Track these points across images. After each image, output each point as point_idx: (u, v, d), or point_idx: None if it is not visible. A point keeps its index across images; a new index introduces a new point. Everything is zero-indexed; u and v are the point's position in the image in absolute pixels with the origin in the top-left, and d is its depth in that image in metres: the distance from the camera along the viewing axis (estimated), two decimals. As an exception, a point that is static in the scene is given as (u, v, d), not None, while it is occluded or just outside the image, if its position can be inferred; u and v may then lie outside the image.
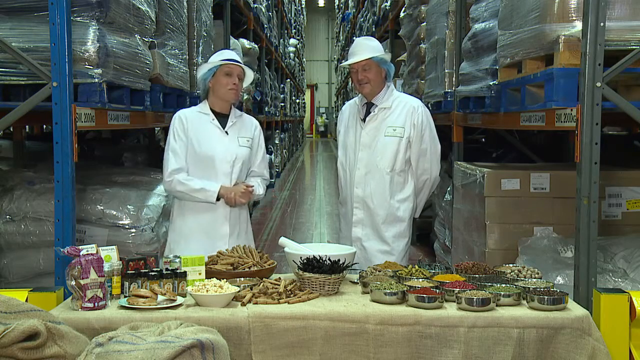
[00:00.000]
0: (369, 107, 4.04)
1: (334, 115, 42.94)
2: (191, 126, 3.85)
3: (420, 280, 3.17)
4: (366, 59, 3.92)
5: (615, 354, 2.93)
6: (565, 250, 4.17)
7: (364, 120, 4.03)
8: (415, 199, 4.08)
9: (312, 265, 3.12)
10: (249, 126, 4.02)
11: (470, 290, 2.96)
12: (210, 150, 3.83)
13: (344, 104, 4.78)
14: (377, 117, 4.00)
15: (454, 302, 2.93)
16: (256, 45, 11.15)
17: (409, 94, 5.01)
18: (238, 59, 3.93)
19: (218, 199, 3.79)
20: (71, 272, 2.85)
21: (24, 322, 2.32)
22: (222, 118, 3.92)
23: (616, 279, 3.79)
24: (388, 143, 3.96)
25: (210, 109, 3.91)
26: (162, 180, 3.91)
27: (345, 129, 4.16)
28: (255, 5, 11.70)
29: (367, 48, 3.95)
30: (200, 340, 2.34)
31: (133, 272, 3.07)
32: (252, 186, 3.87)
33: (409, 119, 3.96)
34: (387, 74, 4.02)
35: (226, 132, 3.91)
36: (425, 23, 7.26)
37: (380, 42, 13.24)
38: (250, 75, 3.97)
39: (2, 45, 3.58)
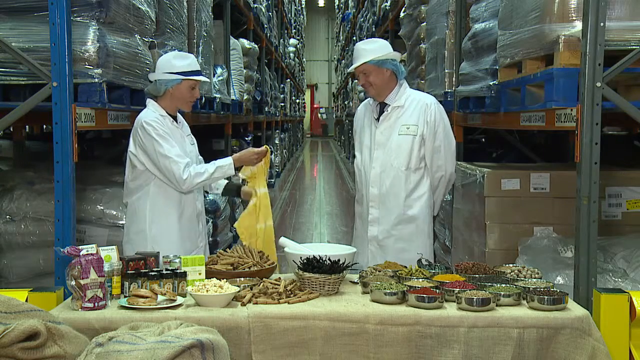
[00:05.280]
0: (382, 106, 4.03)
1: (334, 116, 42.93)
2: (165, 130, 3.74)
3: (420, 280, 3.17)
4: (361, 65, 3.90)
5: (615, 354, 2.93)
6: (565, 250, 4.17)
7: (377, 119, 4.03)
8: (431, 197, 4.05)
9: (312, 265, 3.12)
10: (186, 125, 4.02)
11: (470, 290, 2.96)
12: (184, 152, 3.75)
13: (344, 104, 4.79)
14: (391, 116, 3.99)
15: (454, 302, 2.93)
16: (256, 45, 11.15)
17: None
18: (199, 68, 3.90)
19: (237, 169, 3.79)
20: (71, 272, 2.85)
21: (24, 322, 2.32)
22: (173, 119, 3.87)
23: (616, 279, 3.79)
24: (402, 141, 3.95)
25: (165, 111, 3.83)
26: (176, 184, 3.69)
27: (360, 128, 4.16)
28: (255, 5, 11.70)
29: (362, 53, 3.92)
30: (200, 340, 2.34)
31: (133, 272, 3.07)
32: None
33: (422, 117, 3.94)
34: (395, 73, 3.97)
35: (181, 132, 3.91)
36: (425, 23, 7.26)
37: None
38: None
39: (2, 45, 3.58)
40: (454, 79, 6.15)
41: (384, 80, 3.95)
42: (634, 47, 3.31)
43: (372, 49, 3.92)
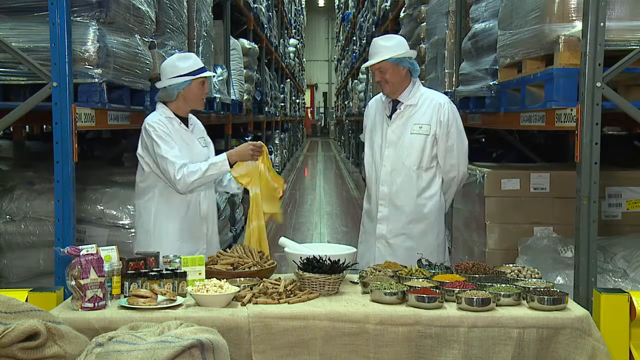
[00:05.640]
0: (394, 104, 3.99)
1: (334, 115, 42.95)
2: (170, 131, 3.77)
3: (420, 280, 3.17)
4: (379, 62, 3.87)
5: (615, 354, 2.93)
6: (565, 250, 4.17)
7: (390, 117, 4.00)
8: (442, 195, 4.02)
9: (312, 265, 3.12)
10: (200, 127, 4.03)
11: (470, 290, 2.96)
12: (189, 154, 3.76)
13: (344, 104, 4.77)
14: (403, 115, 3.96)
15: (454, 302, 2.93)
16: (256, 45, 11.15)
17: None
18: (202, 64, 3.91)
19: (231, 165, 3.74)
20: (71, 272, 2.85)
21: (24, 322, 2.32)
22: (183, 121, 3.89)
23: (616, 279, 3.80)
24: (414, 141, 3.91)
25: (174, 113, 3.84)
26: (172, 185, 3.70)
27: (371, 125, 4.12)
28: (255, 5, 11.70)
29: (381, 50, 3.88)
30: (200, 340, 2.34)
31: (133, 272, 3.07)
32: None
33: (435, 116, 3.90)
34: (410, 71, 3.94)
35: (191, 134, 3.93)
36: (425, 23, 7.27)
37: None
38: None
39: (2, 45, 3.58)
40: (454, 79, 6.15)
41: (400, 78, 3.91)
42: (634, 47, 3.31)
43: (391, 46, 3.88)
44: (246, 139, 10.75)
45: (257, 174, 3.82)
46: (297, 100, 30.40)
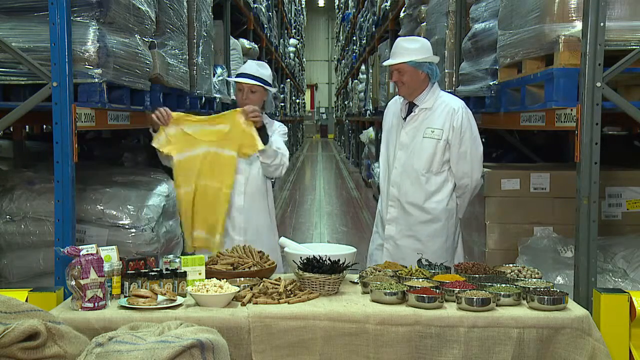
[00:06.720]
0: (411, 106, 3.99)
1: (334, 115, 42.94)
2: None
3: (420, 280, 3.17)
4: (398, 64, 3.86)
5: (615, 354, 2.93)
6: (565, 250, 4.18)
7: (405, 119, 4.00)
8: (454, 198, 4.00)
9: (312, 265, 3.12)
10: (274, 130, 4.10)
11: (470, 290, 2.97)
12: None
13: (344, 103, 4.78)
14: (418, 118, 3.95)
15: (454, 302, 2.93)
16: (256, 45, 11.14)
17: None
18: (252, 71, 4.03)
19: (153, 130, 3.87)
20: (71, 272, 2.86)
21: (24, 322, 2.32)
22: None
23: (616, 279, 3.80)
24: (426, 145, 3.91)
25: None
26: None
27: (389, 126, 4.14)
28: (255, 5, 11.70)
29: (402, 52, 3.87)
30: (200, 340, 2.34)
31: (133, 272, 3.07)
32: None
33: (448, 121, 3.89)
34: (429, 75, 3.93)
35: None
36: (425, 23, 7.27)
37: (380, 42, 13.05)
38: (270, 90, 4.09)
39: (2, 45, 3.58)
40: (454, 79, 6.15)
41: (417, 82, 3.90)
42: (634, 47, 3.31)
43: (414, 49, 3.86)
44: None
45: (183, 138, 3.85)
46: (297, 100, 30.40)
